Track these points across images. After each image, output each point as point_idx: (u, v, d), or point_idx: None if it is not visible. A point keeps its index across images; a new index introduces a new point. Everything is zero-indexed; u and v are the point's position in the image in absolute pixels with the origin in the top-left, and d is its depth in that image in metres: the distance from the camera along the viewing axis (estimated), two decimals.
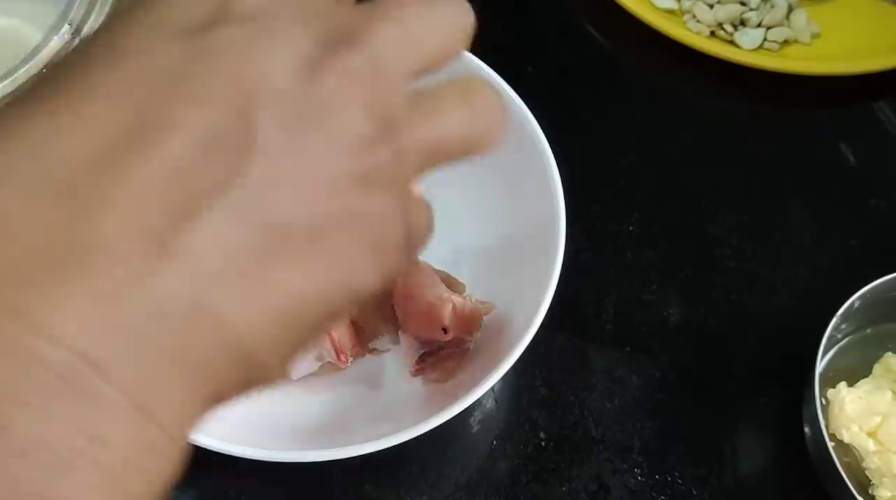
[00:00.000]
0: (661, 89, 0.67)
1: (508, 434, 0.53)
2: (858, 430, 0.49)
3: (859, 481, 0.50)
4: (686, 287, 0.58)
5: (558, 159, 0.48)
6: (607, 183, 0.62)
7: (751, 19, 0.68)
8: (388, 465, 0.51)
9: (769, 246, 0.60)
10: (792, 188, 0.63)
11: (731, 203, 0.62)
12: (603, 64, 0.68)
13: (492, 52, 0.52)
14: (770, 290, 0.58)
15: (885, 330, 0.55)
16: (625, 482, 0.52)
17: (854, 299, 0.51)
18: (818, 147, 0.65)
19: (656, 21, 0.66)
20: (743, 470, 0.52)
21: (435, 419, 0.41)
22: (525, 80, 0.64)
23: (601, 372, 0.55)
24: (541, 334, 0.44)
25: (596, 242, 0.59)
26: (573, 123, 0.64)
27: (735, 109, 0.67)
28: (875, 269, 0.53)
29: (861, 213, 0.62)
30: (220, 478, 0.50)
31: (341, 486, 0.50)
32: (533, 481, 0.51)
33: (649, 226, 0.60)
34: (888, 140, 0.66)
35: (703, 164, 0.63)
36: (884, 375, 0.52)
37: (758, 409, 0.54)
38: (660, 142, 0.64)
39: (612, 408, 0.54)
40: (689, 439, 0.53)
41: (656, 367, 0.55)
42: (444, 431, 0.43)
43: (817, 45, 0.68)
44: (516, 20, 0.70)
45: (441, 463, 0.52)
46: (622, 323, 0.56)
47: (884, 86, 0.66)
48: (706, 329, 0.57)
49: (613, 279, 0.58)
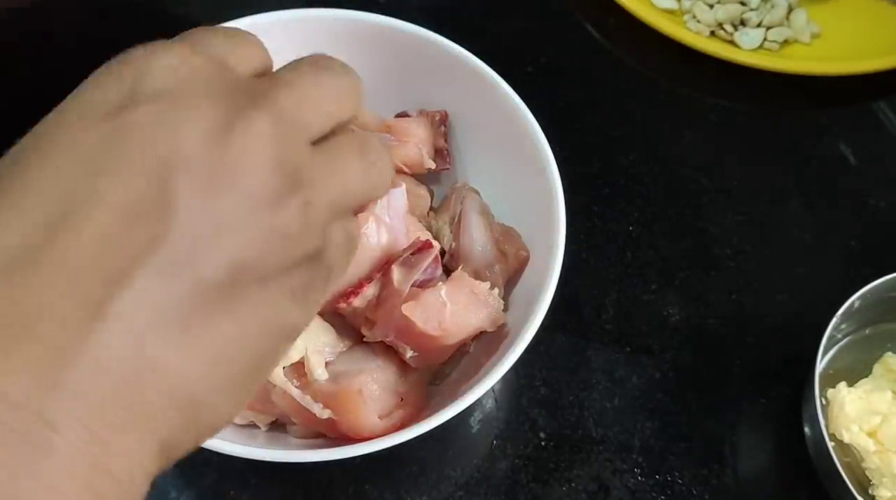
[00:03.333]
0: (660, 89, 0.68)
1: (508, 434, 0.53)
2: (858, 430, 0.49)
3: (859, 481, 0.50)
4: (686, 287, 0.58)
5: (558, 159, 0.48)
6: (607, 183, 0.62)
7: (751, 19, 0.68)
8: (388, 465, 0.51)
9: (769, 246, 0.60)
10: (792, 188, 0.63)
11: (731, 203, 0.62)
12: (603, 64, 0.68)
13: (492, 53, 0.52)
14: (770, 290, 0.58)
15: (885, 330, 0.55)
16: (625, 482, 0.52)
17: (854, 299, 0.51)
18: (818, 147, 0.65)
19: (656, 21, 0.66)
20: (743, 470, 0.52)
21: (435, 419, 0.41)
22: (525, 80, 0.64)
23: (601, 372, 0.55)
24: (541, 334, 0.44)
25: (596, 242, 0.59)
26: (573, 123, 0.64)
27: (735, 109, 0.67)
28: (875, 269, 0.53)
29: (861, 213, 0.62)
30: (220, 478, 0.50)
31: (341, 486, 0.50)
32: (533, 481, 0.51)
33: (649, 226, 0.60)
34: (888, 140, 0.66)
35: (703, 164, 0.63)
36: (884, 375, 0.52)
37: (758, 409, 0.54)
38: (660, 142, 0.64)
39: (612, 408, 0.54)
40: (689, 439, 0.53)
41: (656, 367, 0.55)
42: (444, 431, 0.43)
43: (817, 45, 0.68)
44: (516, 20, 0.70)
45: (441, 463, 0.52)
46: (622, 323, 0.56)
47: (884, 86, 0.66)
48: (706, 329, 0.57)
49: (613, 279, 0.58)
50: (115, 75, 0.24)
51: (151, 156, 0.23)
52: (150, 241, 0.22)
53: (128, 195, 0.22)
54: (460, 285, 0.45)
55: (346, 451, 0.40)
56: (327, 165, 0.26)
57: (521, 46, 0.68)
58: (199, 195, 0.23)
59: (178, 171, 0.22)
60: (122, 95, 0.24)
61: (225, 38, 0.27)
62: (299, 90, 0.26)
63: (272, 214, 0.24)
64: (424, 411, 0.46)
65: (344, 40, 0.53)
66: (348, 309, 0.45)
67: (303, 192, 0.24)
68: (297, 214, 0.24)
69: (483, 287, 0.45)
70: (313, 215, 0.25)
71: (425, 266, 0.45)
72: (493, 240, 0.50)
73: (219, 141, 0.23)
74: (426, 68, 0.52)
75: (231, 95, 0.24)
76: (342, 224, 0.28)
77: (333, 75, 0.27)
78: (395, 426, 0.43)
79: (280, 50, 0.54)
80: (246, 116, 0.24)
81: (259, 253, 0.24)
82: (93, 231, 0.22)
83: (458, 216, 0.50)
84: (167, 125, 0.23)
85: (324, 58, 0.28)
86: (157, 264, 0.22)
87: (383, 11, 0.52)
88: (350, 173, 0.27)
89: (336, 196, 0.26)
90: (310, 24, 0.52)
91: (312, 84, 0.26)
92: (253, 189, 0.23)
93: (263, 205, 0.24)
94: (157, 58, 0.24)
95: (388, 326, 0.44)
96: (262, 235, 0.24)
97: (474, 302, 0.45)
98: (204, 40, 0.26)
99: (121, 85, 0.24)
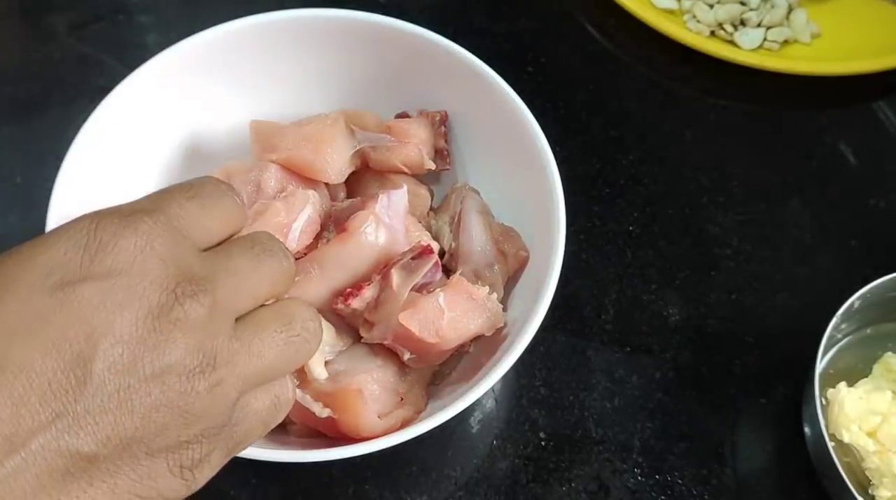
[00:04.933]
0: (661, 89, 0.68)
1: (508, 434, 0.53)
2: (858, 430, 0.49)
3: (859, 481, 0.50)
4: (686, 287, 0.58)
5: (558, 159, 0.48)
6: (607, 183, 0.62)
7: (751, 19, 0.68)
8: (388, 465, 0.51)
9: (769, 246, 0.60)
10: (792, 188, 0.63)
11: (731, 203, 0.62)
12: (603, 64, 0.68)
13: (492, 53, 0.52)
14: (770, 290, 0.58)
15: (885, 330, 0.55)
16: (625, 482, 0.52)
17: (854, 299, 0.51)
18: (818, 147, 0.65)
19: (656, 21, 0.66)
20: (743, 470, 0.52)
21: (435, 419, 0.41)
22: (525, 80, 0.65)
23: (601, 372, 0.55)
24: (541, 334, 0.44)
25: (596, 243, 0.59)
26: (573, 123, 0.64)
27: (735, 109, 0.67)
28: (875, 269, 0.53)
29: (861, 213, 0.62)
30: (220, 478, 0.50)
31: (341, 486, 0.50)
32: (533, 481, 0.51)
33: (649, 226, 0.60)
34: (888, 140, 0.66)
35: (703, 164, 0.63)
36: (884, 375, 0.52)
37: (758, 409, 0.54)
38: (660, 142, 0.64)
39: (612, 408, 0.54)
40: (689, 439, 0.53)
41: (656, 367, 0.55)
42: (444, 431, 0.43)
43: (817, 45, 0.68)
44: (517, 20, 0.70)
45: (441, 463, 0.52)
46: (622, 323, 0.56)
47: (884, 86, 0.66)
48: (706, 329, 0.57)
49: (613, 279, 0.58)
50: (80, 245, 0.26)
51: (80, 335, 0.25)
52: (55, 416, 0.24)
53: (48, 371, 0.24)
54: (458, 291, 0.45)
55: (346, 451, 0.40)
56: (248, 343, 0.28)
57: (521, 46, 0.68)
58: (114, 376, 0.25)
59: (102, 351, 0.25)
60: (76, 268, 0.26)
61: (200, 209, 0.29)
62: (239, 277, 0.29)
63: (180, 396, 0.26)
64: (424, 412, 0.46)
65: (344, 40, 0.53)
66: (347, 310, 0.45)
67: (216, 373, 0.27)
68: (205, 394, 0.27)
69: (482, 292, 0.45)
70: (222, 394, 0.27)
71: (425, 271, 0.45)
72: (493, 240, 0.50)
73: (150, 326, 0.26)
74: (426, 68, 0.52)
75: (177, 279, 0.27)
76: (268, 390, 0.30)
77: (273, 260, 0.31)
78: (395, 426, 0.43)
79: (280, 50, 0.54)
80: (183, 303, 0.26)
81: (156, 430, 0.26)
82: (7, 399, 0.24)
83: (457, 216, 0.50)
84: (106, 307, 0.25)
85: (269, 240, 0.31)
86: (53, 436, 0.24)
87: (384, 11, 0.52)
88: (270, 351, 0.29)
89: (254, 372, 0.29)
90: (310, 24, 0.52)
91: (252, 270, 0.29)
92: (168, 371, 0.26)
93: (174, 387, 0.26)
94: (123, 236, 0.26)
95: (385, 329, 0.44)
96: (164, 414, 0.26)
97: (472, 308, 0.45)
98: (177, 211, 0.29)
99: (81, 255, 0.26)
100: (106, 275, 0.26)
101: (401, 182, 0.51)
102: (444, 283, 0.46)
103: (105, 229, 0.26)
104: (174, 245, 0.27)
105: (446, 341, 0.44)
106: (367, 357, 0.46)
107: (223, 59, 0.52)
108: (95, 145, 0.47)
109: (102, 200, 0.48)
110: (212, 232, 0.30)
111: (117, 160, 0.49)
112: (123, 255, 0.26)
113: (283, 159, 0.49)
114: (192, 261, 0.28)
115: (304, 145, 0.49)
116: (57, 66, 0.65)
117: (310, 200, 0.47)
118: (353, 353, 0.46)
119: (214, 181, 0.31)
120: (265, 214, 0.46)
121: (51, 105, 0.63)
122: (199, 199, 0.29)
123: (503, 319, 0.46)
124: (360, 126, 0.51)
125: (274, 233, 0.46)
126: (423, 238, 0.48)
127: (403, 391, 0.46)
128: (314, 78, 0.54)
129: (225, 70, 0.52)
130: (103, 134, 0.48)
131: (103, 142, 0.48)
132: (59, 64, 0.65)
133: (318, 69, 0.54)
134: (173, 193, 0.29)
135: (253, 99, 0.54)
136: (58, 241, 0.26)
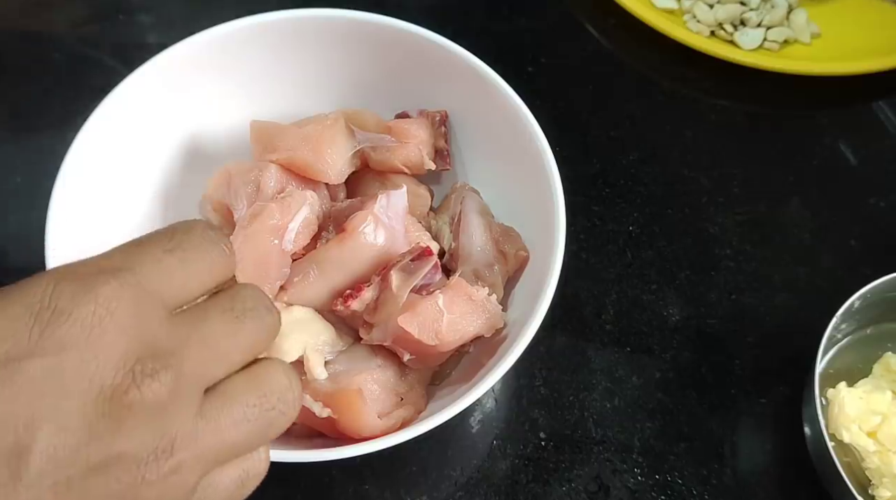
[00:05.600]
0: (661, 89, 0.68)
1: (508, 434, 0.53)
2: (858, 430, 0.49)
3: (859, 481, 0.50)
4: (686, 287, 0.58)
5: (558, 159, 0.48)
6: (607, 183, 0.62)
7: (751, 19, 0.68)
8: (388, 465, 0.51)
9: (769, 246, 0.60)
10: (792, 188, 0.63)
11: (731, 203, 0.62)
12: (603, 64, 0.68)
13: (492, 53, 0.52)
14: (770, 290, 0.58)
15: (885, 330, 0.55)
16: (625, 482, 0.52)
17: (854, 299, 0.51)
18: (818, 147, 0.65)
19: (656, 21, 0.66)
20: (743, 470, 0.52)
21: (435, 419, 0.41)
22: (525, 80, 0.64)
23: (601, 372, 0.55)
24: (541, 334, 0.44)
25: (596, 243, 0.59)
26: (573, 123, 0.64)
27: (735, 109, 0.67)
28: (875, 269, 0.53)
29: (861, 213, 0.62)
30: None
31: (341, 486, 0.50)
32: (533, 481, 0.51)
33: (649, 226, 0.60)
34: (888, 140, 0.66)
35: (703, 164, 0.63)
36: (884, 375, 0.52)
37: (758, 409, 0.54)
38: (660, 142, 0.64)
39: (612, 408, 0.54)
40: (689, 439, 0.53)
41: (656, 367, 0.55)
42: (444, 431, 0.43)
43: (817, 45, 0.68)
44: (517, 20, 0.70)
45: (441, 463, 0.52)
46: (622, 323, 0.56)
47: (884, 86, 0.66)
48: (706, 329, 0.57)
49: (613, 279, 0.58)
50: (32, 312, 0.24)
51: (20, 421, 0.22)
52: None
53: None
54: (458, 293, 0.45)
55: (346, 451, 0.40)
56: (214, 420, 0.26)
57: (521, 46, 0.68)
58: (53, 468, 0.23)
59: (41, 440, 0.22)
60: (24, 341, 0.23)
61: (179, 264, 0.26)
62: (212, 346, 0.26)
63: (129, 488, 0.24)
64: (424, 412, 0.46)
65: (344, 40, 0.53)
66: (346, 312, 0.45)
67: (174, 458, 0.24)
68: (159, 483, 0.24)
69: (481, 293, 0.45)
70: (178, 482, 0.25)
71: (424, 273, 0.45)
72: (493, 240, 0.50)
73: (100, 411, 0.23)
74: (426, 68, 0.52)
75: (137, 354, 0.24)
76: (237, 465, 0.27)
77: (254, 322, 0.27)
78: (394, 426, 0.43)
79: (280, 50, 0.54)
80: (141, 384, 0.24)
81: None
82: None
83: (457, 216, 0.50)
84: (52, 388, 0.23)
85: (252, 297, 0.28)
86: None
87: (384, 11, 0.52)
88: (241, 428, 0.26)
89: (221, 450, 0.26)
90: (310, 24, 0.52)
91: (229, 335, 0.26)
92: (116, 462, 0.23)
93: (121, 479, 0.23)
94: (81, 303, 0.24)
95: (385, 331, 0.44)
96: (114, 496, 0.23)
97: (472, 310, 0.45)
98: (151, 268, 0.26)
99: (31, 326, 0.23)
100: (56, 350, 0.23)
101: (401, 182, 0.51)
102: (443, 284, 0.46)
103: (62, 294, 0.24)
104: (139, 313, 0.24)
105: (446, 344, 0.44)
106: (367, 357, 0.46)
107: (223, 59, 0.52)
108: (95, 145, 0.47)
109: (102, 200, 0.48)
110: (189, 290, 0.27)
111: (117, 160, 0.49)
112: (78, 326, 0.23)
113: (283, 160, 0.49)
114: (158, 331, 0.25)
115: (303, 146, 0.49)
116: (57, 67, 0.65)
117: (306, 201, 0.47)
118: (353, 353, 0.46)
119: (202, 228, 0.28)
120: (260, 216, 0.46)
121: (51, 105, 0.63)
122: (179, 251, 0.27)
123: (503, 320, 0.46)
124: (360, 126, 0.51)
125: (269, 235, 0.46)
126: (422, 238, 0.48)
127: (403, 392, 0.46)
128: (314, 78, 0.54)
129: (225, 70, 0.52)
130: (103, 134, 0.48)
131: (103, 142, 0.48)
132: (58, 64, 0.65)
133: (317, 69, 0.54)
134: (152, 245, 0.26)
135: (253, 99, 0.54)
136: (11, 305, 0.24)
